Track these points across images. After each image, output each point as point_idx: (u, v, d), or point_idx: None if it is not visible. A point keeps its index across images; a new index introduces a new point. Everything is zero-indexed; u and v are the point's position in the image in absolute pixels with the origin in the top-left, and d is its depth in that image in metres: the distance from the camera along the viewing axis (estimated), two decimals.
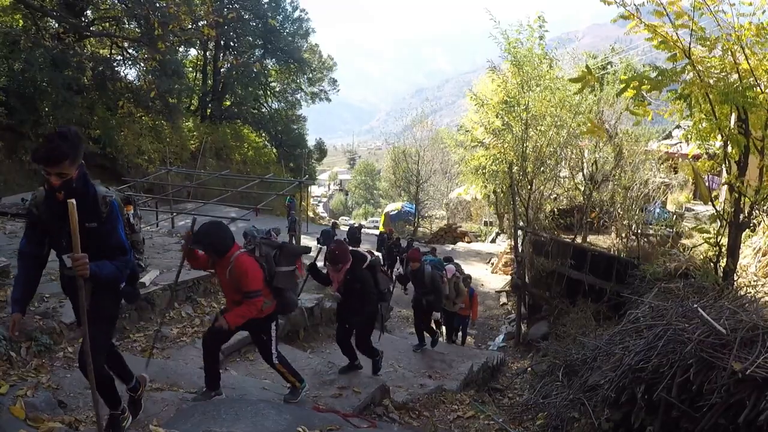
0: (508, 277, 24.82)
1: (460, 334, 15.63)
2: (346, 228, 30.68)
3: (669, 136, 29.07)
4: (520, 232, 19.68)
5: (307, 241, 25.95)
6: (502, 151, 21.19)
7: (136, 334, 8.70)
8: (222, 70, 48.99)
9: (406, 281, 12.03)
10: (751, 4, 8.53)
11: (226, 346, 8.64)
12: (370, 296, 8.27)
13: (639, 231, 18.67)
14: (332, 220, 41.40)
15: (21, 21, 29.28)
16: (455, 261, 15.93)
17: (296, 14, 51.56)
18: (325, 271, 8.67)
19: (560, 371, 8.00)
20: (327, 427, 5.77)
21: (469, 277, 15.60)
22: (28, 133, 27.89)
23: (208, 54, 48.85)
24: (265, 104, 53.65)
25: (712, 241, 10.49)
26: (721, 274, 9.89)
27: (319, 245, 16.62)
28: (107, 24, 35.67)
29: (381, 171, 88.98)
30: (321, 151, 61.90)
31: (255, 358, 9.12)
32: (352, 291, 8.12)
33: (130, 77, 37.53)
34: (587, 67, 10.14)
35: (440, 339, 13.59)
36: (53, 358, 6.56)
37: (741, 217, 9.64)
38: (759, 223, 13.13)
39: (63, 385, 5.83)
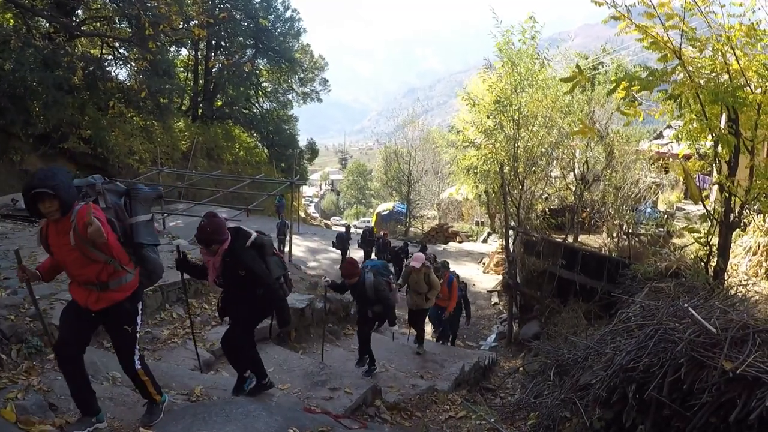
0: (500, 277, 24.86)
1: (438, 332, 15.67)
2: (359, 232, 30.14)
3: (660, 136, 29.19)
4: (511, 232, 19.73)
5: (299, 241, 25.94)
6: (494, 151, 21.22)
7: None
8: (213, 70, 48.91)
9: (342, 290, 10.12)
10: (741, 5, 8.57)
11: (216, 348, 8.64)
12: (263, 284, 6.31)
13: (630, 231, 18.74)
14: (345, 224, 40.47)
15: (11, 20, 29.17)
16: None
17: (288, 14, 51.51)
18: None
19: (552, 371, 8.01)
20: (318, 429, 5.76)
21: (441, 264, 15.09)
22: (18, 134, 27.80)
23: (199, 54, 48.78)
24: (256, 104, 53.59)
25: (702, 240, 10.52)
26: (712, 274, 9.93)
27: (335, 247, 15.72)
28: (98, 24, 35.60)
29: (372, 171, 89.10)
30: (312, 151, 61.83)
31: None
32: (235, 280, 6.29)
33: (120, 77, 37.48)
34: (578, 66, 10.17)
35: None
36: (44, 361, 6.53)
37: (731, 216, 9.68)
38: (749, 223, 13.19)
39: (54, 387, 5.80)
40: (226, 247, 6.15)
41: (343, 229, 30.60)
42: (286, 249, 21.12)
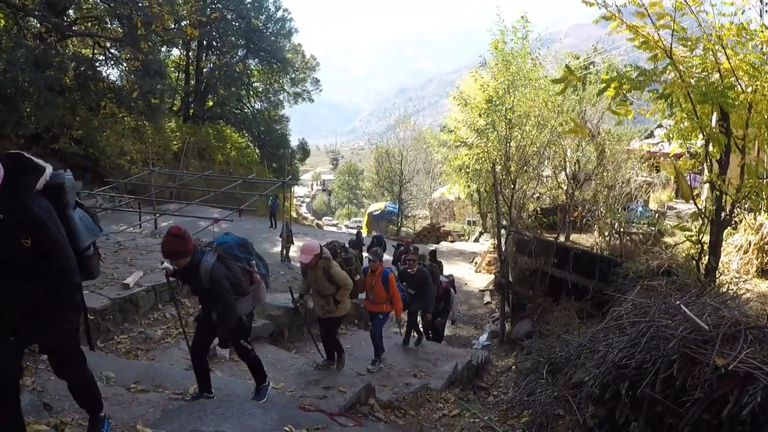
0: (492, 276, 24.90)
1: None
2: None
3: (651, 135, 29.28)
4: (503, 231, 19.75)
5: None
6: (486, 150, 21.27)
7: (120, 335, 8.69)
8: (205, 70, 48.86)
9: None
10: (732, 4, 8.62)
11: (211, 348, 8.66)
12: (58, 263, 3.78)
13: (621, 229, 18.78)
14: (357, 228, 39.51)
15: (2, 20, 29.08)
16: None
17: (279, 14, 51.44)
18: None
19: (544, 369, 8.03)
20: (313, 427, 5.78)
21: (373, 252, 10.36)
22: (9, 135, 27.70)
23: (190, 54, 48.68)
24: (247, 104, 53.51)
25: (694, 238, 10.57)
26: (704, 272, 9.98)
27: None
28: (89, 23, 35.52)
29: (364, 171, 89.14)
30: (304, 151, 61.77)
31: (239, 360, 9.14)
32: (14, 255, 3.62)
33: (112, 77, 37.41)
34: (567, 67, 10.20)
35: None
36: (37, 361, 6.52)
37: (722, 215, 9.73)
38: (740, 221, 13.28)
39: (48, 387, 5.80)
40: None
41: (353, 232, 30.22)
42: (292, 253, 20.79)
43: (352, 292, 9.04)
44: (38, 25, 31.51)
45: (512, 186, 20.19)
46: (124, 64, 35.62)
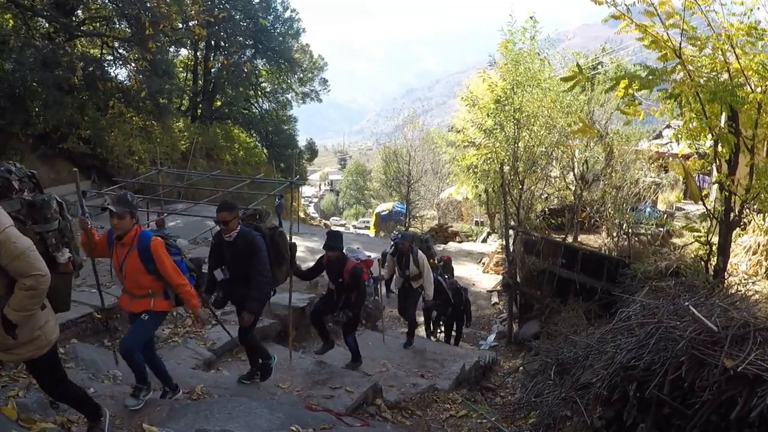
0: (500, 277, 24.84)
1: None
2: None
3: (659, 135, 29.20)
4: (511, 232, 19.71)
5: (298, 241, 25.90)
6: (494, 150, 21.22)
7: None
8: (212, 70, 48.86)
9: None
10: (742, 4, 8.58)
11: (218, 347, 8.68)
12: None
13: (630, 230, 18.72)
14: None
15: (11, 21, 29.14)
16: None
17: (287, 14, 51.42)
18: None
19: (552, 370, 8.01)
20: (320, 426, 5.77)
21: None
22: (18, 134, 27.76)
23: (198, 54, 48.69)
24: (255, 104, 53.51)
25: (702, 239, 10.54)
26: (712, 273, 9.94)
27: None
28: (98, 24, 35.56)
29: (372, 171, 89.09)
30: (312, 151, 61.73)
31: (247, 358, 9.13)
32: None
33: (120, 77, 37.44)
34: (578, 66, 10.18)
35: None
36: None
37: (731, 215, 9.69)
38: (749, 222, 13.21)
39: None
40: None
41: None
42: None
43: (58, 292, 4.44)
44: (47, 25, 31.59)
45: (520, 186, 20.16)
46: (132, 64, 35.68)
